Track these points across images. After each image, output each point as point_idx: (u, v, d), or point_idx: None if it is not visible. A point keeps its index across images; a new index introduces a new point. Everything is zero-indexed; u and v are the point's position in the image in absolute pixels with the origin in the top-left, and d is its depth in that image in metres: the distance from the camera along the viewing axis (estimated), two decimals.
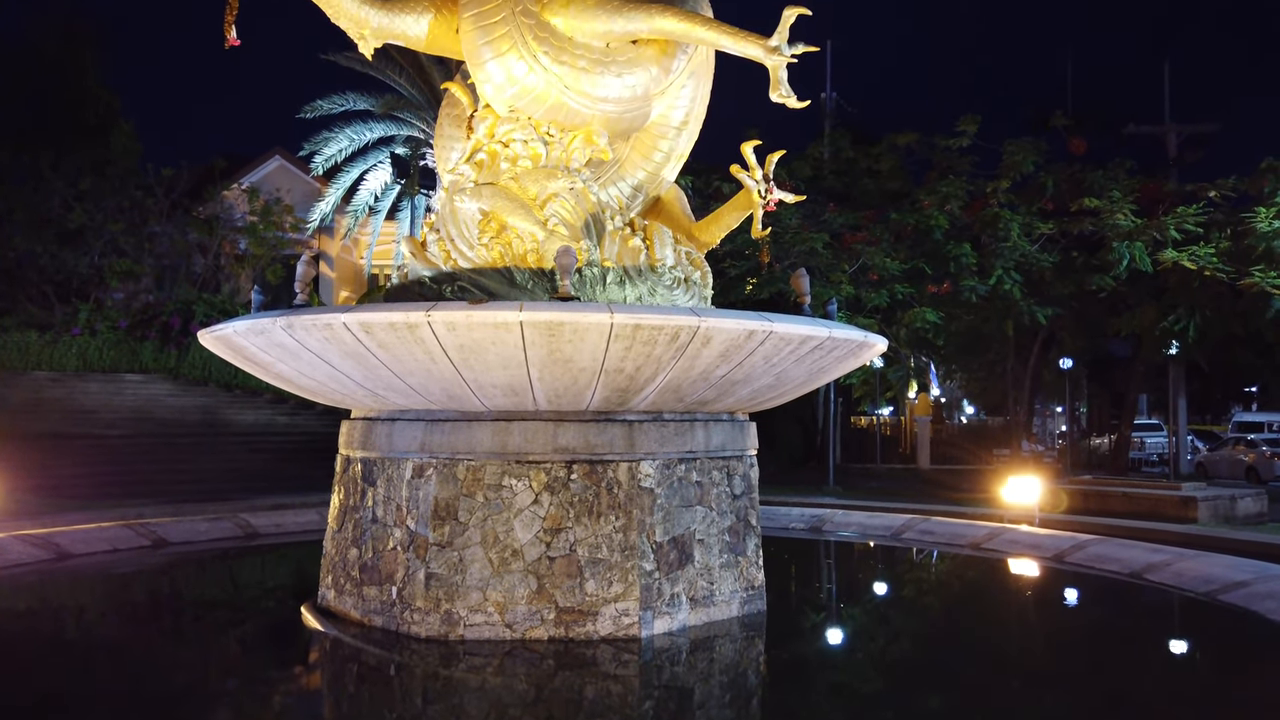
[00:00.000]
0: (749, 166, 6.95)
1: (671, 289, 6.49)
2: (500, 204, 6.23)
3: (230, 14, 5.37)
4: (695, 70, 6.95)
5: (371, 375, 5.30)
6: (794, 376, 5.92)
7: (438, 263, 6.28)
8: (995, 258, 19.29)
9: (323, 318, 4.93)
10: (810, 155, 23.51)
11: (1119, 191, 19.23)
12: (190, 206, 27.26)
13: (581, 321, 4.79)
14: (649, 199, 7.16)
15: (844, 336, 5.70)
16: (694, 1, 6.73)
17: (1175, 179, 24.19)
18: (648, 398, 5.51)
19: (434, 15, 6.43)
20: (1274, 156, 18.67)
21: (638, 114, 6.67)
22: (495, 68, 6.11)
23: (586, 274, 6.08)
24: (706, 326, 4.95)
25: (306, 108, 25.35)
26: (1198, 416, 41.84)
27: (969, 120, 21.13)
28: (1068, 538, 9.28)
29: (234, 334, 5.51)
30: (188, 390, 21.26)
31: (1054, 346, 27.30)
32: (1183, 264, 18.13)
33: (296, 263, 6.68)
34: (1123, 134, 27.20)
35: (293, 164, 31.28)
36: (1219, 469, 25.97)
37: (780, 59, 5.80)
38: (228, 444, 18.74)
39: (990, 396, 42.64)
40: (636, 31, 6.25)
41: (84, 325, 22.33)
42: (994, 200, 20.03)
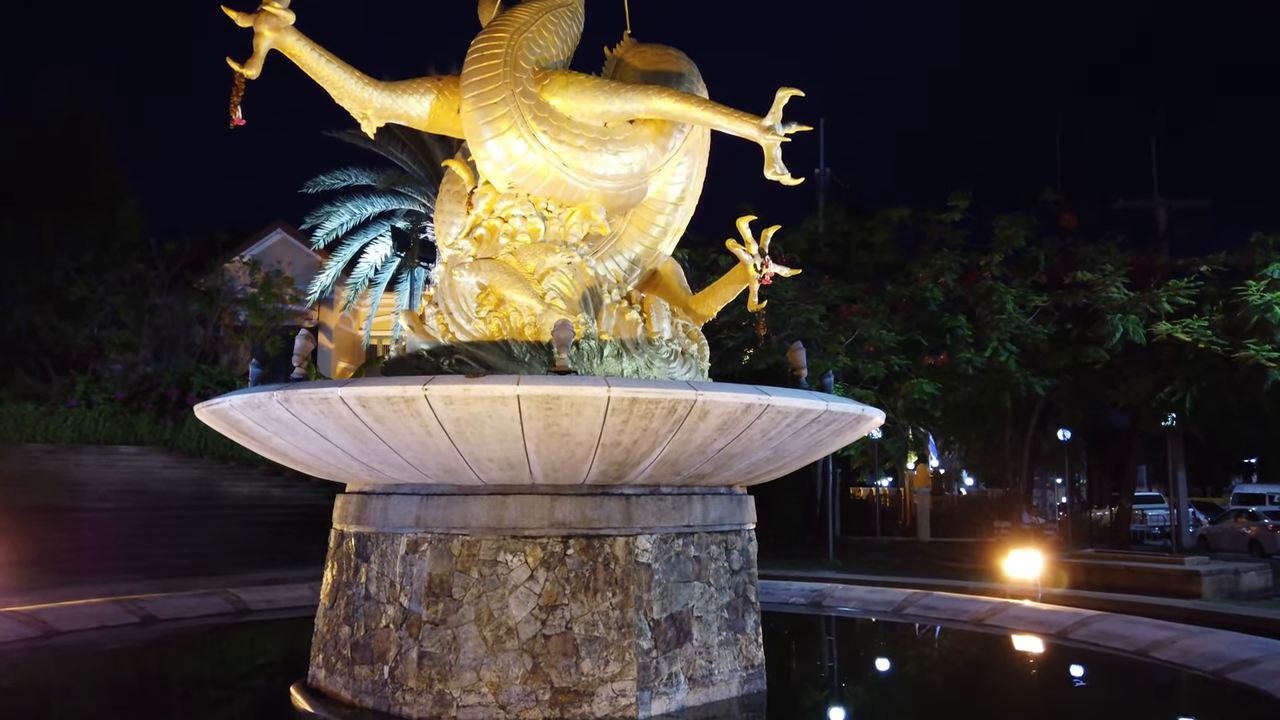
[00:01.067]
0: (745, 241, 7.05)
1: (669, 362, 6.51)
2: (499, 278, 6.29)
3: (236, 95, 5.49)
4: (691, 148, 7.11)
5: (367, 449, 5.27)
6: (792, 450, 5.90)
7: (436, 336, 6.31)
8: (990, 330, 19.42)
9: (319, 391, 4.93)
10: (805, 229, 23.84)
11: (1111, 265, 19.46)
12: (191, 279, 27.46)
13: (578, 395, 4.79)
14: (646, 272, 7.24)
15: (841, 410, 5.70)
16: (689, 82, 6.92)
17: (1166, 253, 24.49)
18: (645, 471, 5.48)
19: (436, 96, 6.59)
20: (1262, 231, 18.96)
21: (635, 190, 6.78)
22: (495, 146, 6.23)
23: (584, 347, 6.11)
24: (703, 400, 4.95)
25: (309, 183, 25.77)
26: (1198, 488, 41.60)
27: (960, 196, 21.48)
28: (1071, 614, 9.14)
29: (230, 408, 5.49)
30: (183, 462, 21.12)
31: (1051, 418, 27.28)
32: (1177, 336, 18.25)
33: (295, 334, 6.71)
34: (1113, 209, 27.62)
35: (294, 237, 31.64)
36: (1221, 542, 25.70)
37: (774, 138, 5.93)
38: (222, 517, 18.55)
39: (989, 468, 42.42)
40: (634, 112, 6.40)
41: (81, 397, 22.28)
42: (988, 273, 20.25)
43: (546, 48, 6.49)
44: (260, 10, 5.67)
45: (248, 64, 5.61)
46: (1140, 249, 22.89)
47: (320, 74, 6.13)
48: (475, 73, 6.25)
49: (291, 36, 5.83)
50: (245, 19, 5.64)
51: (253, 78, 5.61)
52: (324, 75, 6.15)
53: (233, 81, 5.51)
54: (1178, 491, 26.92)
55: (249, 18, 5.65)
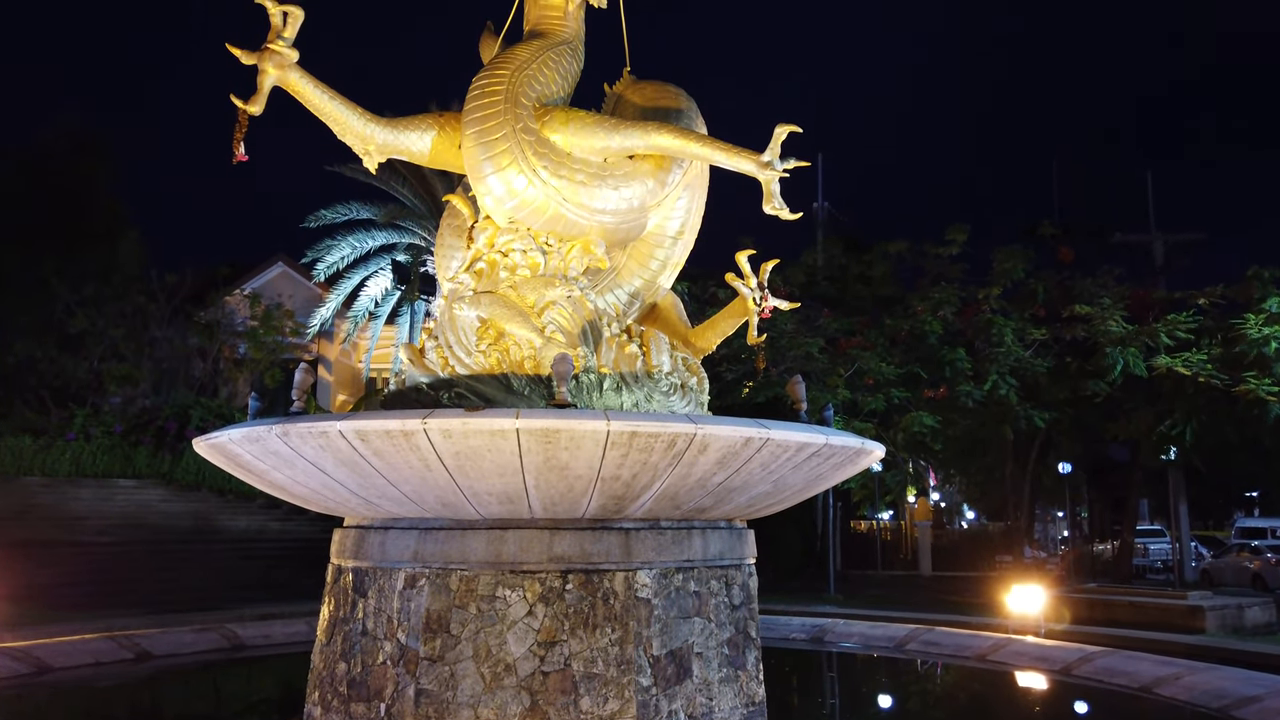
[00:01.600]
0: (744, 274, 7.08)
1: (668, 395, 6.51)
2: (498, 311, 6.31)
3: (240, 131, 5.54)
4: (690, 183, 7.16)
5: (366, 483, 5.26)
6: (791, 483, 5.88)
7: (435, 369, 6.32)
8: (990, 363, 19.43)
9: (319, 425, 4.93)
10: (804, 262, 23.94)
11: (1109, 298, 19.51)
12: (192, 311, 27.53)
13: (578, 429, 4.79)
14: (645, 305, 7.27)
15: (841, 443, 5.69)
16: (688, 119, 6.98)
17: (1164, 286, 24.58)
18: (644, 505, 5.46)
19: (437, 132, 6.66)
20: (1259, 265, 19.05)
21: (634, 224, 6.83)
22: (496, 181, 6.28)
23: (583, 380, 6.11)
24: (703, 434, 4.95)
25: (311, 217, 25.94)
26: (1199, 522, 41.40)
27: (958, 230, 21.58)
28: (1075, 650, 9.06)
29: (229, 442, 5.49)
30: (180, 495, 21.03)
31: (1051, 451, 27.21)
32: (1176, 370, 18.25)
33: (294, 367, 6.72)
34: (1110, 242, 27.76)
35: (295, 270, 31.77)
36: (1224, 576, 25.53)
37: (772, 174, 5.98)
38: (219, 551, 18.44)
39: (990, 501, 42.25)
40: (633, 147, 6.46)
41: (79, 430, 22.23)
42: (986, 306, 20.30)
43: (547, 85, 6.56)
44: (264, 48, 5.73)
45: (251, 101, 5.67)
46: (1138, 282, 22.98)
47: (323, 110, 6.20)
48: (476, 109, 6.32)
49: (295, 74, 5.90)
50: (250, 57, 5.71)
51: (256, 114, 5.67)
52: (327, 112, 6.22)
53: (236, 118, 5.57)
54: (1179, 525, 26.80)
55: (253, 55, 5.72)
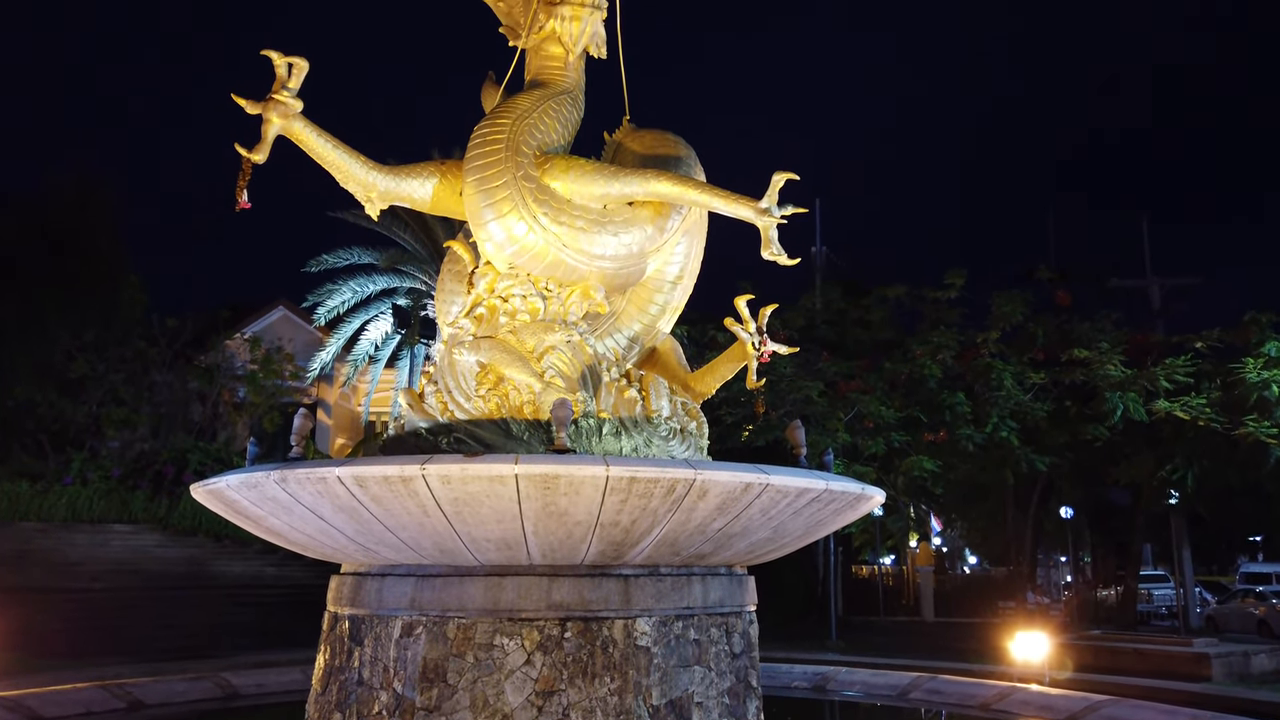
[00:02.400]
0: (743, 319, 7.12)
1: (667, 440, 6.50)
2: (498, 356, 6.32)
3: (243, 179, 5.60)
4: (689, 228, 7.22)
5: (364, 529, 5.23)
6: (792, 529, 5.85)
7: (435, 414, 6.31)
8: (990, 406, 19.42)
9: (317, 471, 4.92)
10: (803, 306, 24.03)
11: (1107, 343, 19.56)
12: (192, 355, 27.56)
13: (577, 474, 4.78)
14: (645, 350, 7.29)
15: (841, 489, 5.67)
16: (687, 166, 7.07)
17: (1162, 330, 24.65)
18: (644, 551, 5.43)
19: (439, 179, 6.74)
20: (1255, 309, 19.12)
21: (634, 270, 6.88)
22: (497, 228, 6.34)
23: (583, 425, 6.10)
24: (702, 479, 4.94)
25: (312, 262, 26.09)
26: (1203, 567, 41.06)
27: (956, 274, 21.70)
28: (1081, 699, 8.94)
29: (226, 488, 5.47)
30: (176, 540, 20.87)
31: (1053, 495, 27.09)
32: (1176, 414, 18.24)
33: (294, 411, 6.72)
34: (1106, 287, 27.90)
35: (296, 314, 31.86)
36: (1229, 622, 25.28)
37: (771, 220, 6.04)
38: (214, 597, 18.26)
39: (992, 546, 41.94)
40: (632, 195, 6.53)
41: (76, 475, 22.14)
42: (985, 350, 20.34)
43: (548, 133, 6.65)
44: (269, 98, 5.82)
45: (255, 149, 5.74)
46: (1135, 326, 23.07)
47: (326, 159, 6.27)
48: (478, 157, 6.39)
49: (299, 123, 5.98)
50: (254, 106, 5.79)
51: (259, 162, 5.73)
52: (330, 160, 6.29)
53: (240, 166, 5.63)
54: (1183, 570, 26.58)
55: (258, 105, 5.80)
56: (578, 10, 6.83)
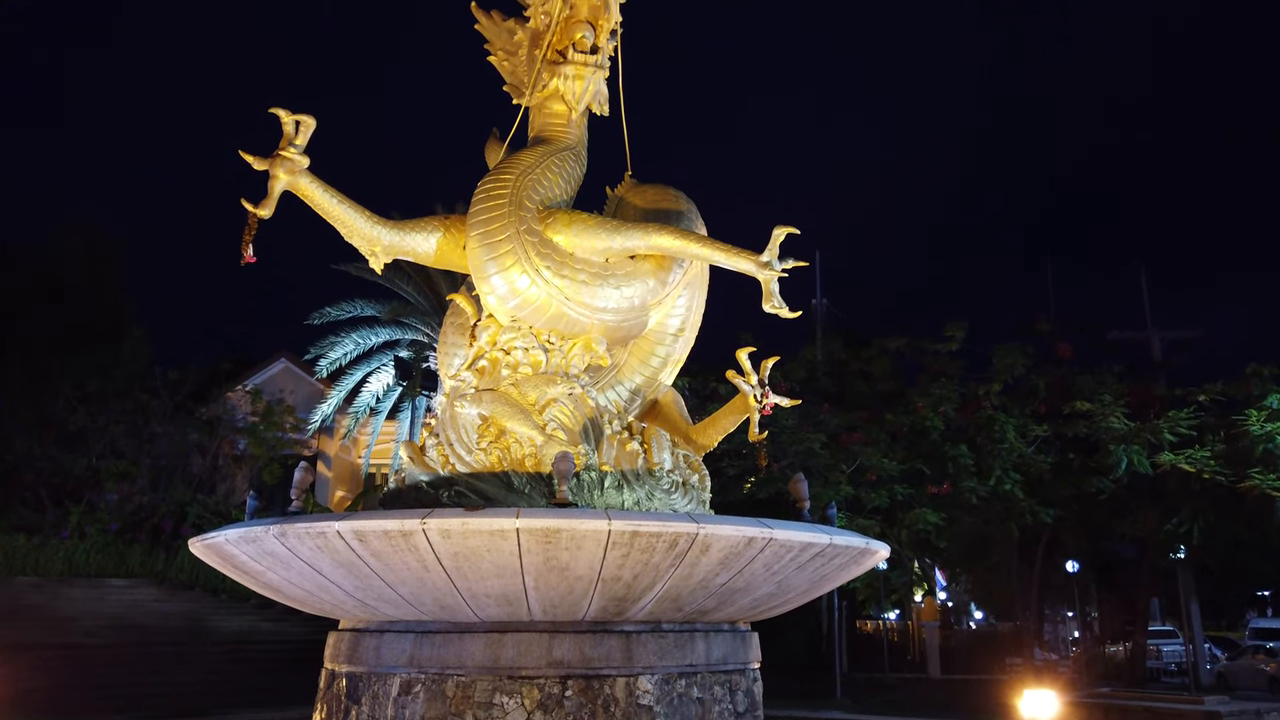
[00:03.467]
0: (745, 372, 7.12)
1: (670, 493, 6.46)
2: (500, 409, 6.32)
3: (249, 234, 5.66)
4: (691, 281, 7.27)
5: (363, 585, 5.18)
6: (796, 584, 5.79)
7: (435, 467, 6.29)
8: (993, 459, 19.33)
9: (316, 526, 4.88)
10: (804, 357, 24.05)
11: (1109, 395, 19.53)
12: (193, 408, 27.52)
13: (579, 528, 4.74)
14: (647, 402, 7.29)
15: (845, 544, 5.62)
16: (688, 220, 7.14)
17: (1163, 383, 24.62)
18: (646, 607, 5.36)
19: (442, 233, 6.81)
20: (1257, 362, 19.13)
21: (636, 323, 6.91)
22: (499, 281, 6.38)
23: (584, 478, 6.08)
24: (705, 533, 4.90)
25: (315, 314, 26.18)
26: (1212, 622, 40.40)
27: (956, 327, 21.74)
28: None
29: (225, 542, 5.42)
30: (173, 595, 20.64)
31: (1058, 549, 26.82)
32: (1181, 467, 18.15)
33: (294, 463, 6.71)
34: (1107, 339, 27.93)
35: (298, 366, 31.87)
36: (1240, 679, 24.81)
37: (771, 273, 6.09)
38: (210, 653, 17.99)
39: (997, 600, 41.42)
40: (634, 248, 6.59)
41: (74, 528, 21.98)
42: (986, 402, 20.31)
43: (550, 188, 6.73)
44: (276, 155, 5.90)
45: (261, 205, 5.81)
46: (1136, 379, 23.03)
47: (331, 214, 6.35)
48: (481, 211, 6.46)
49: (305, 179, 6.06)
50: (261, 163, 5.87)
51: (265, 218, 5.80)
52: (335, 215, 6.36)
53: (246, 221, 5.69)
54: (1191, 625, 26.19)
55: (265, 162, 5.88)
56: (580, 70, 6.96)
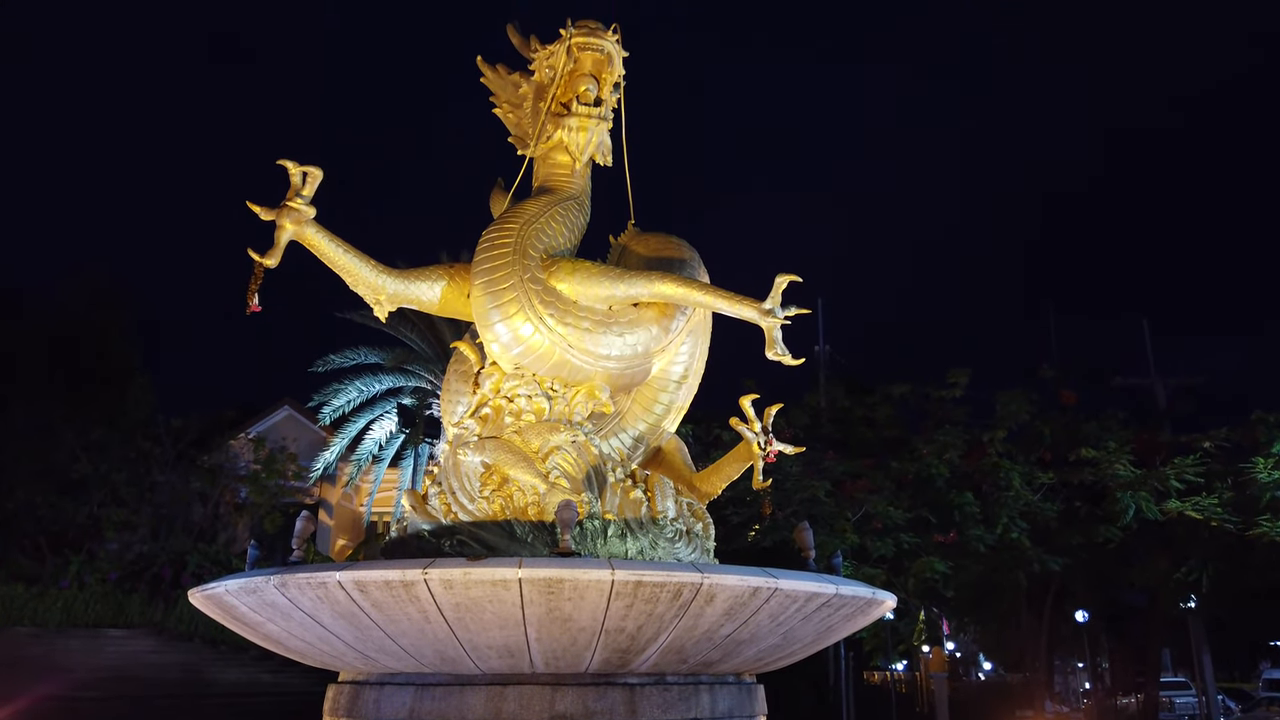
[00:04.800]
0: (748, 419, 7.10)
1: (673, 542, 6.41)
2: (503, 457, 6.30)
3: (255, 283, 5.71)
4: (694, 328, 7.30)
5: (363, 636, 5.12)
6: (802, 635, 5.71)
7: (438, 516, 6.26)
8: (999, 506, 19.19)
9: (317, 576, 4.84)
10: (807, 404, 24.00)
11: (1115, 442, 19.44)
12: (196, 456, 27.47)
13: (581, 578, 4.70)
14: (650, 449, 7.27)
15: (851, 593, 5.56)
16: (691, 268, 7.18)
17: (1169, 429, 24.51)
18: (650, 659, 5.29)
19: (447, 282, 6.85)
20: (1262, 409, 19.07)
21: (639, 370, 6.91)
22: (503, 328, 6.41)
23: (588, 527, 6.03)
24: (710, 583, 4.85)
25: (319, 362, 26.25)
26: (1224, 672, 39.78)
27: (959, 373, 21.72)
28: None
29: (225, 593, 5.38)
30: (171, 645, 20.40)
31: (1067, 598, 26.48)
32: (1189, 514, 18.00)
33: (295, 512, 6.68)
34: (1111, 386, 27.89)
35: (301, 414, 31.85)
36: None
37: (774, 321, 6.10)
38: (207, 706, 17.74)
39: (1006, 651, 40.81)
40: (637, 296, 6.63)
41: (73, 578, 21.82)
42: (992, 449, 20.21)
43: (554, 237, 6.79)
44: (283, 205, 5.97)
45: (268, 254, 5.86)
46: (1142, 425, 22.94)
47: (337, 263, 6.40)
48: (485, 260, 6.51)
49: (311, 229, 6.12)
50: (268, 213, 5.94)
51: (272, 267, 5.85)
52: (340, 264, 6.41)
53: (252, 270, 5.74)
54: (1204, 676, 25.78)
55: (272, 212, 5.95)
56: (584, 121, 7.05)
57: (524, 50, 7.45)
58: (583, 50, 7.02)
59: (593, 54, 7.04)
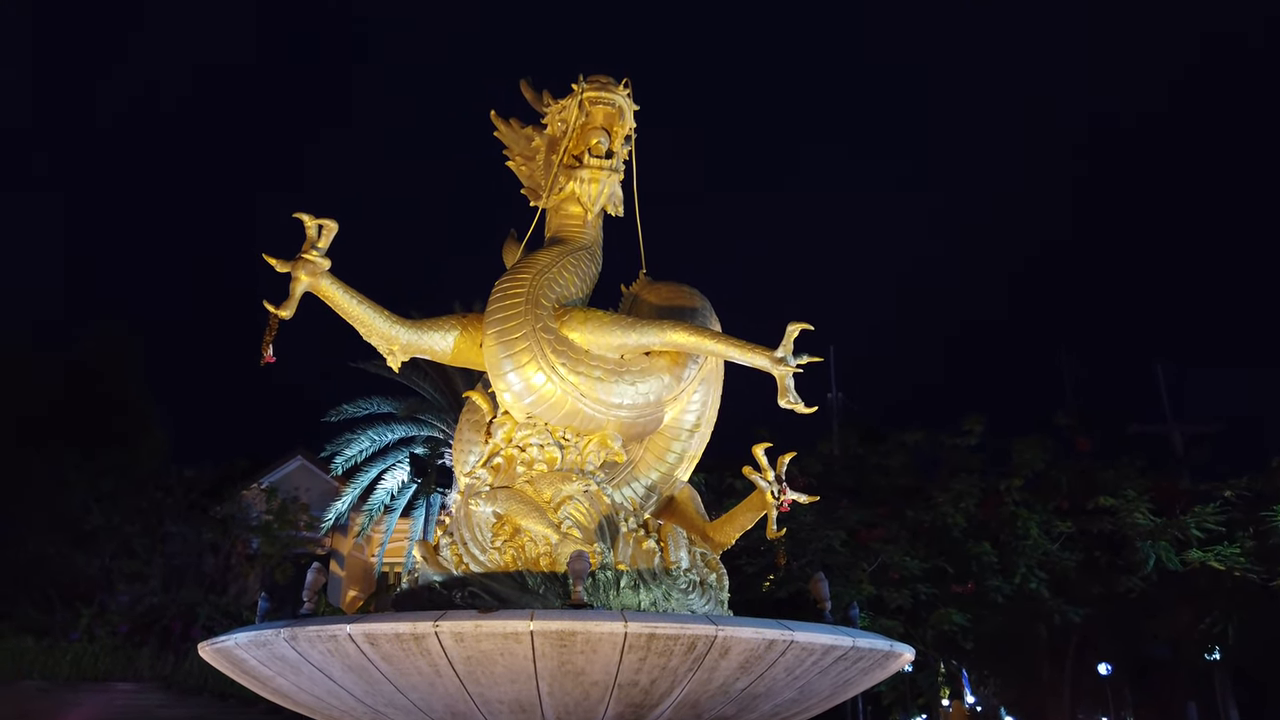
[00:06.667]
0: (761, 468, 7.05)
1: (687, 593, 6.34)
2: (514, 507, 6.27)
3: (269, 334, 5.75)
4: (706, 377, 7.29)
5: (373, 690, 5.06)
6: (819, 689, 5.61)
7: (449, 567, 6.21)
8: (1017, 556, 18.92)
9: (328, 629, 4.80)
10: (820, 452, 23.82)
11: (1133, 490, 19.20)
12: (208, 506, 27.43)
13: (594, 631, 4.64)
14: (663, 499, 7.23)
15: (869, 646, 5.47)
16: (703, 317, 7.20)
17: (1188, 477, 24.20)
18: (664, 714, 5.19)
19: (460, 332, 6.89)
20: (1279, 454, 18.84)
21: (651, 419, 6.90)
22: (515, 378, 6.42)
23: (600, 578, 5.97)
24: (724, 636, 4.78)
25: (332, 412, 26.30)
26: None
27: (974, 420, 21.54)
28: None
29: (235, 647, 5.33)
30: (181, 701, 20.17)
31: (1089, 650, 25.95)
32: (1211, 564, 17.71)
33: (306, 563, 6.65)
34: (1127, 433, 27.60)
35: (313, 464, 31.84)
36: None
37: (786, 369, 6.09)
38: None
39: (1028, 705, 39.84)
40: (649, 345, 6.64)
41: (84, 631, 21.69)
42: (1008, 498, 19.98)
43: (566, 287, 6.83)
44: (298, 258, 6.04)
45: (283, 306, 5.91)
46: (1160, 473, 22.66)
47: (351, 314, 6.45)
48: (498, 310, 6.55)
49: (326, 280, 6.18)
50: (284, 265, 6.00)
51: (287, 318, 5.89)
52: (354, 315, 6.46)
53: (267, 321, 5.78)
54: None
55: (287, 264, 6.01)
56: (596, 173, 7.14)
57: (536, 104, 7.58)
58: (594, 104, 7.14)
59: (604, 107, 7.15)
